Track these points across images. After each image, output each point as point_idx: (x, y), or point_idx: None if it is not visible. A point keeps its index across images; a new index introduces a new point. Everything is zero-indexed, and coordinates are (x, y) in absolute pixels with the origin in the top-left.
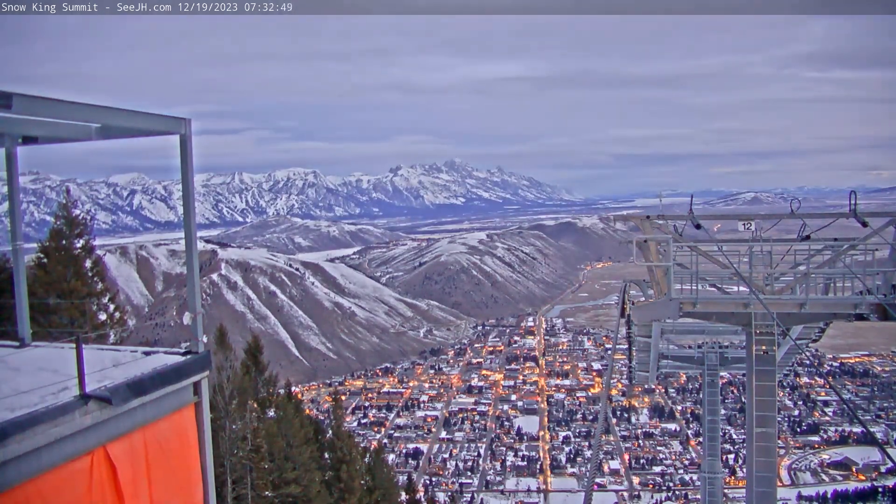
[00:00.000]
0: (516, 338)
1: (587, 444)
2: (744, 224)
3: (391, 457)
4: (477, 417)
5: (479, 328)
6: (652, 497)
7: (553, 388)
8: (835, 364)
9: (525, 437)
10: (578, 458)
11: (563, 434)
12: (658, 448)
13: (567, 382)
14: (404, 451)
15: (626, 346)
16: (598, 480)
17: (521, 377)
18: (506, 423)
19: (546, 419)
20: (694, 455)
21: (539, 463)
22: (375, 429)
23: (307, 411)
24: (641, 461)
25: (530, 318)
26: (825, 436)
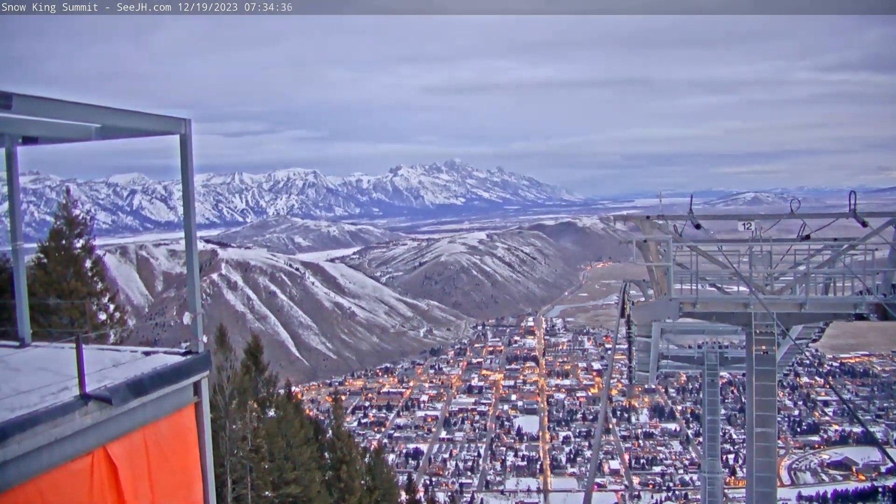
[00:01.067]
0: (516, 338)
1: (587, 444)
2: (744, 224)
3: (391, 457)
4: (477, 417)
5: (479, 328)
6: (652, 497)
7: (553, 388)
8: (835, 364)
9: (525, 437)
10: (578, 458)
11: (563, 434)
12: (658, 448)
13: (567, 382)
14: (404, 451)
15: (626, 346)
16: (598, 480)
17: (521, 377)
18: (506, 423)
19: (546, 419)
20: (694, 455)
21: (539, 463)
22: (375, 429)
23: (307, 411)
24: (641, 461)
25: (530, 318)
26: (825, 436)
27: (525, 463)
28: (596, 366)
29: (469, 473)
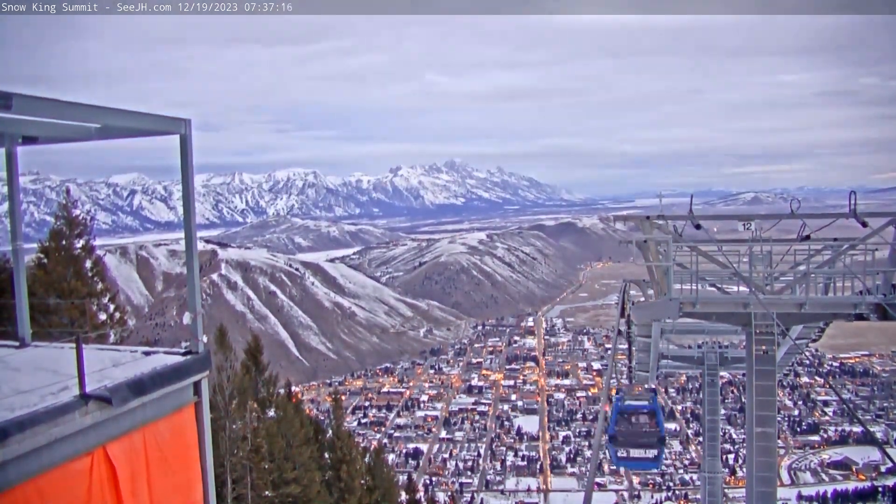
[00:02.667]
0: (516, 338)
1: (587, 443)
2: (744, 224)
3: (391, 457)
4: (477, 417)
5: (479, 328)
6: (652, 497)
7: (553, 388)
8: (835, 364)
9: (525, 437)
10: (578, 458)
11: (563, 434)
12: None
13: (567, 382)
14: (404, 450)
15: (626, 346)
16: (598, 480)
17: (521, 377)
18: (506, 422)
19: (546, 419)
20: (694, 455)
21: (539, 463)
22: (375, 429)
23: (307, 411)
24: None
25: (530, 318)
26: (825, 436)
27: (525, 463)
28: (596, 366)
29: (469, 473)
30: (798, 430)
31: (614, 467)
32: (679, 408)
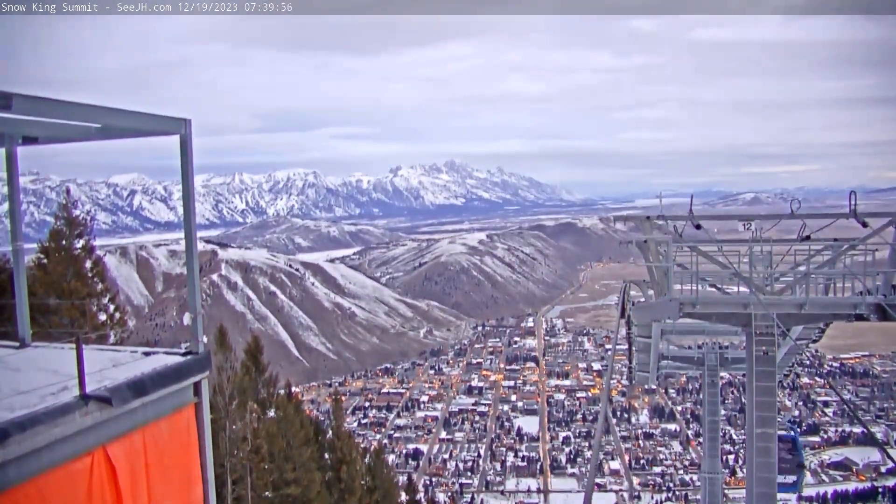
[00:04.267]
0: (516, 338)
1: (587, 444)
2: (744, 224)
3: (391, 457)
4: (477, 418)
5: (480, 328)
6: (652, 497)
7: (553, 389)
8: (835, 364)
9: (525, 438)
10: (578, 459)
11: (564, 434)
12: (658, 448)
13: (567, 383)
14: (404, 451)
15: (627, 347)
16: (598, 481)
17: (521, 377)
18: (506, 423)
19: (546, 419)
20: (694, 455)
21: (539, 463)
22: (375, 429)
23: (307, 412)
24: (641, 461)
25: (530, 319)
26: (825, 436)
27: (525, 463)
28: (596, 366)
29: (469, 474)
30: (798, 430)
31: (614, 468)
32: (679, 408)
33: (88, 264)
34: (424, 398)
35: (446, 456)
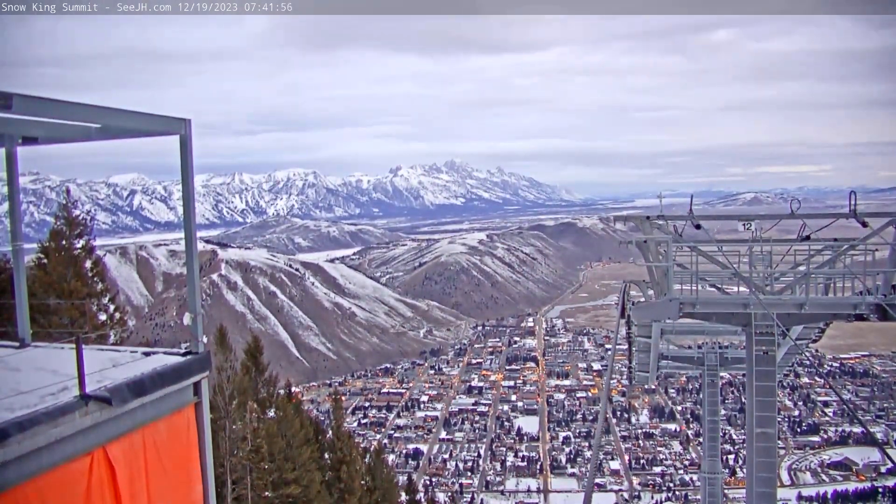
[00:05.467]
0: (516, 338)
1: (587, 444)
2: (744, 224)
3: (391, 457)
4: (477, 418)
5: (479, 328)
6: (652, 497)
7: (553, 389)
8: (835, 364)
9: (525, 438)
10: (578, 459)
11: (563, 434)
12: (658, 448)
13: (567, 383)
14: (404, 451)
15: (627, 347)
16: (598, 481)
17: (521, 377)
18: (506, 423)
19: (546, 419)
20: (694, 455)
21: (539, 463)
22: (375, 429)
23: (307, 412)
24: (641, 461)
25: (530, 319)
26: (825, 436)
27: (525, 463)
28: (596, 366)
29: (469, 474)
30: (798, 430)
31: (614, 468)
32: (679, 408)
33: (88, 264)
34: (424, 398)
35: (446, 456)
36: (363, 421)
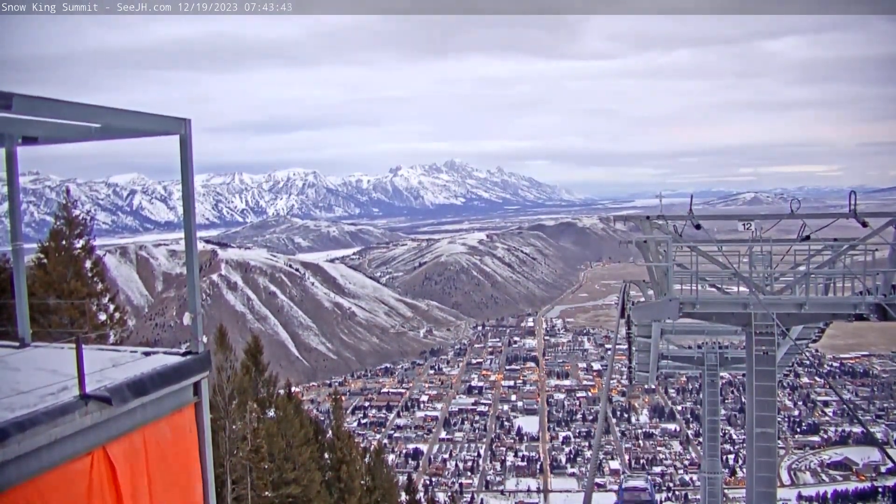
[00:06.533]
0: (516, 338)
1: (587, 444)
2: (744, 224)
3: (391, 457)
4: (477, 417)
5: (479, 328)
6: None
7: (553, 389)
8: (835, 364)
9: (525, 438)
10: (578, 459)
11: (563, 434)
12: (658, 448)
13: (567, 383)
14: (404, 451)
15: (626, 347)
16: (598, 480)
17: (521, 377)
18: (506, 423)
19: (546, 419)
20: (694, 455)
21: (539, 463)
22: (375, 429)
23: (307, 412)
24: (641, 461)
25: (530, 319)
26: (825, 436)
27: (525, 463)
28: (596, 366)
29: (469, 474)
30: (798, 430)
31: (614, 467)
32: (679, 408)
33: (88, 264)
34: (424, 398)
35: (446, 456)
36: (363, 421)
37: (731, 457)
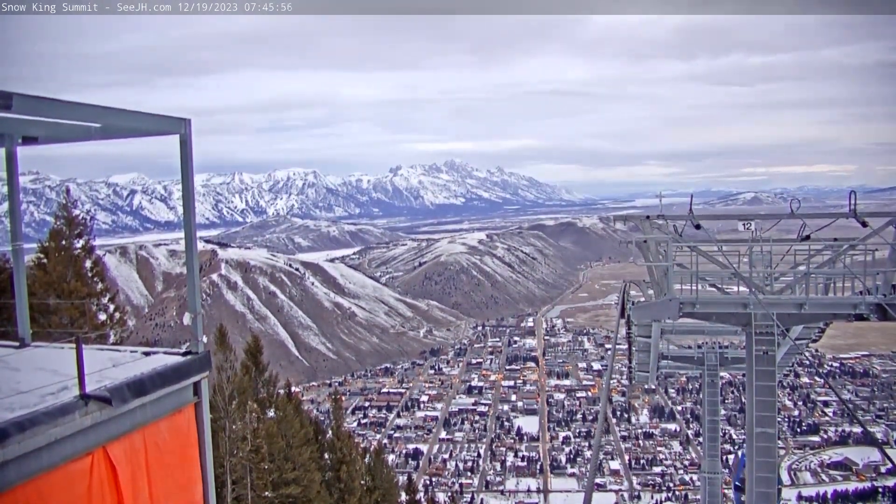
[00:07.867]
0: (516, 338)
1: (587, 444)
2: (744, 224)
3: (391, 457)
4: (477, 417)
5: (479, 328)
6: (652, 497)
7: (553, 389)
8: (835, 364)
9: (525, 438)
10: (578, 459)
11: (563, 434)
12: (658, 448)
13: (567, 383)
14: (404, 451)
15: (626, 347)
16: (598, 481)
17: (521, 377)
18: (506, 423)
19: (546, 419)
20: (694, 455)
21: (539, 463)
22: (375, 429)
23: (307, 412)
24: (641, 461)
25: (530, 319)
26: (825, 436)
27: (525, 463)
28: (596, 366)
29: (469, 474)
30: (798, 430)
31: (614, 467)
32: (679, 408)
33: (88, 264)
34: (424, 398)
35: (446, 456)
36: (363, 421)
37: (731, 457)
